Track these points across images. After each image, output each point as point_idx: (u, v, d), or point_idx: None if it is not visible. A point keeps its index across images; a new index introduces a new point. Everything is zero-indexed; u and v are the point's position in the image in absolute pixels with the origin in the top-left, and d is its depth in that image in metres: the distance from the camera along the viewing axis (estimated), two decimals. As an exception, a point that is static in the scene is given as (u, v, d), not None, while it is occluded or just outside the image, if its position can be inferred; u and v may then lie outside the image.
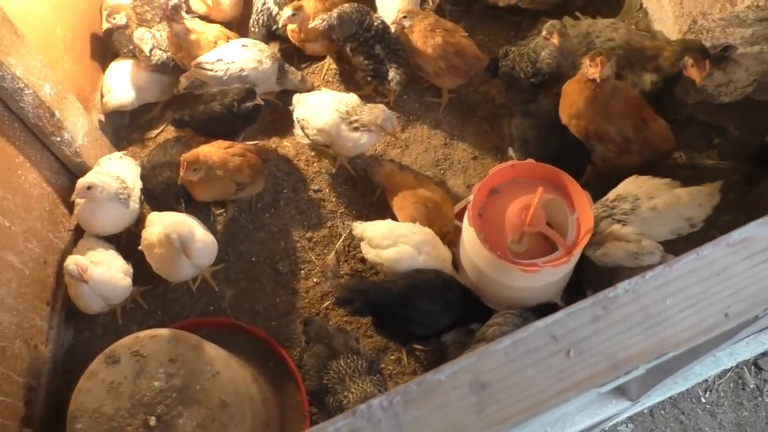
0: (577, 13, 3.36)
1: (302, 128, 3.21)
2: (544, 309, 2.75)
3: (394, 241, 2.82)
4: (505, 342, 0.89)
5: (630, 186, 2.82)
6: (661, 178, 2.82)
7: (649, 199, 2.73)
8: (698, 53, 2.70)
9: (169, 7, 3.27)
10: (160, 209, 3.05)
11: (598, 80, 2.68)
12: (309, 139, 3.21)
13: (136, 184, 3.09)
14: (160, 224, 2.85)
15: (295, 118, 3.25)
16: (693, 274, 0.92)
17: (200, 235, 2.87)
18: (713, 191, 2.77)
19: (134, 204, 3.04)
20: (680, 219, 2.75)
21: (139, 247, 2.95)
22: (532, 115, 3.03)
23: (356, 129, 3.04)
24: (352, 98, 3.15)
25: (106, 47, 3.65)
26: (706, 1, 2.71)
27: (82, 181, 2.87)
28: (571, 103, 2.89)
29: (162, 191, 3.06)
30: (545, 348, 0.89)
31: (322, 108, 3.11)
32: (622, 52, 2.99)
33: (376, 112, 3.01)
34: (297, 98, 3.28)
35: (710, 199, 2.78)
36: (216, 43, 3.40)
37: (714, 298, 0.91)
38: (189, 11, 3.60)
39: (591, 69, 2.68)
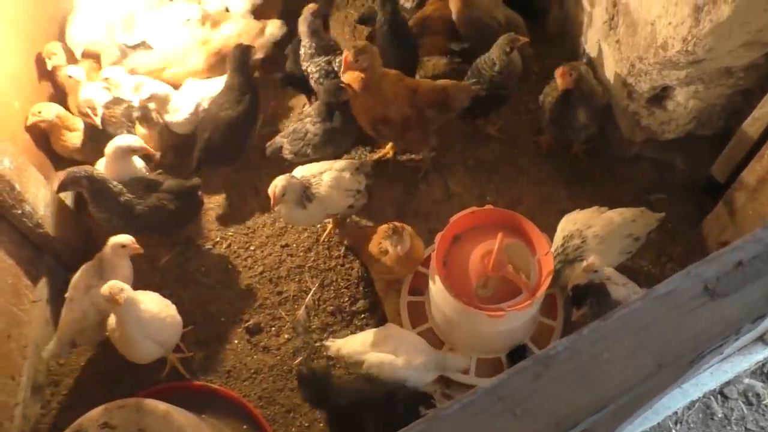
0: None
1: None
2: (515, 352, 2.80)
3: (367, 350, 2.75)
4: (455, 406, 0.92)
5: (567, 225, 2.95)
6: (588, 209, 2.99)
7: (588, 229, 2.87)
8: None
9: (134, 117, 3.32)
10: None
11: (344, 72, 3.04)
12: None
13: None
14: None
15: None
16: (626, 328, 0.97)
17: (155, 308, 2.79)
18: (643, 209, 2.93)
19: None
20: (622, 238, 2.87)
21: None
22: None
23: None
24: None
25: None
26: (641, 46, 2.86)
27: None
28: (352, 94, 3.12)
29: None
30: (493, 409, 0.92)
31: None
32: None
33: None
34: None
35: (641, 214, 2.92)
36: None
37: (647, 349, 0.96)
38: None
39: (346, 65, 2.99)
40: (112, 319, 2.80)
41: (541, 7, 3.95)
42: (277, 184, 2.86)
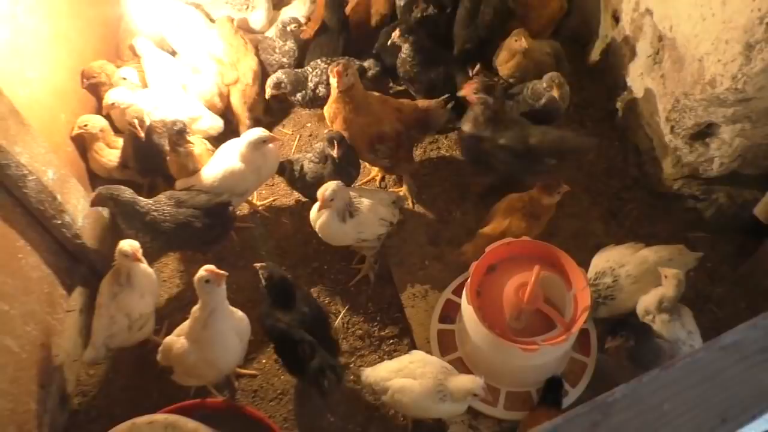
0: None
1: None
2: (549, 384, 2.74)
3: (392, 376, 2.71)
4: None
5: (600, 261, 2.91)
6: (623, 245, 2.95)
7: (621, 268, 2.82)
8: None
9: (174, 131, 3.21)
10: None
11: (341, 89, 3.06)
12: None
13: None
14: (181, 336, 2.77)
15: None
16: (689, 378, 0.94)
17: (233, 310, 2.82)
18: (681, 247, 2.87)
19: None
20: (658, 277, 2.78)
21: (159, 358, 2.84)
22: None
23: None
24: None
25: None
26: (687, 82, 2.82)
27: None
28: (343, 119, 3.15)
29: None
30: (547, 456, 0.89)
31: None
32: None
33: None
34: None
35: (679, 253, 2.85)
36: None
37: (710, 402, 0.92)
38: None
39: (334, 83, 3.03)
40: (177, 342, 2.75)
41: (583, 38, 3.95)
42: (328, 187, 2.88)
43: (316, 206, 2.96)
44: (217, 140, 3.59)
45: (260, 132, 3.22)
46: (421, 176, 3.65)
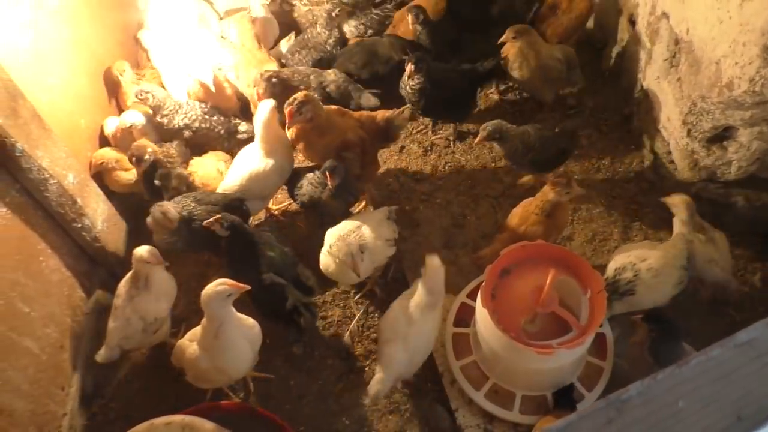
0: None
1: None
2: (561, 392, 2.72)
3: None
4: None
5: (620, 258, 2.89)
6: (641, 242, 2.96)
7: (643, 262, 2.80)
8: None
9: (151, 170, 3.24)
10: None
11: (289, 127, 3.16)
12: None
13: None
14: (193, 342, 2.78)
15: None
16: (703, 376, 0.93)
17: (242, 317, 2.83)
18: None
19: None
20: (677, 269, 2.78)
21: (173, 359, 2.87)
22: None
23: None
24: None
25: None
26: (704, 85, 2.80)
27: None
28: (307, 142, 3.22)
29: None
30: (561, 452, 0.90)
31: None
32: None
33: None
34: None
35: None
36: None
37: (726, 400, 0.92)
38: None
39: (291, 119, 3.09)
40: (189, 347, 2.77)
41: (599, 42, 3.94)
42: (352, 252, 2.86)
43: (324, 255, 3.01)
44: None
45: (269, 103, 3.27)
46: (436, 180, 3.66)
